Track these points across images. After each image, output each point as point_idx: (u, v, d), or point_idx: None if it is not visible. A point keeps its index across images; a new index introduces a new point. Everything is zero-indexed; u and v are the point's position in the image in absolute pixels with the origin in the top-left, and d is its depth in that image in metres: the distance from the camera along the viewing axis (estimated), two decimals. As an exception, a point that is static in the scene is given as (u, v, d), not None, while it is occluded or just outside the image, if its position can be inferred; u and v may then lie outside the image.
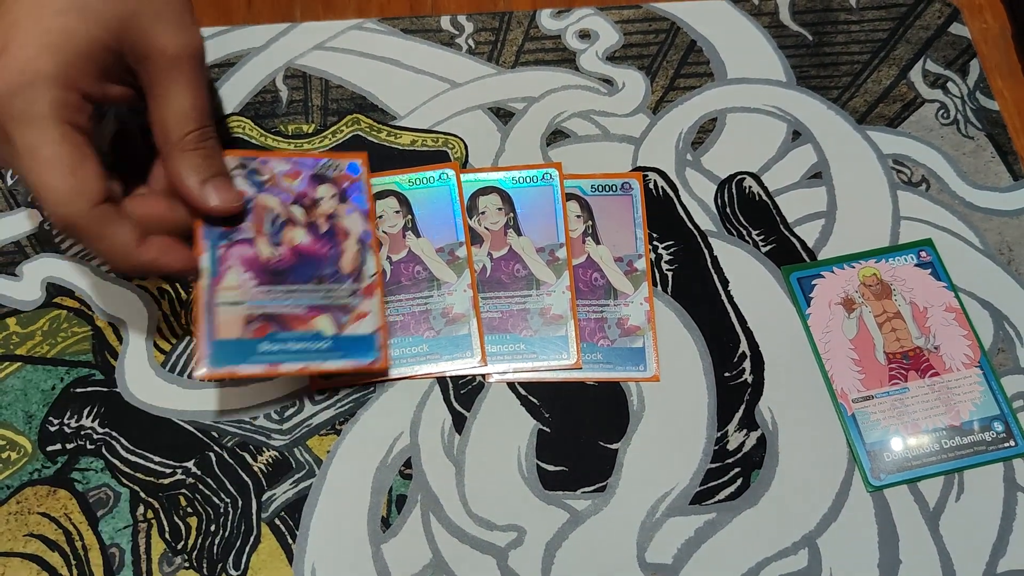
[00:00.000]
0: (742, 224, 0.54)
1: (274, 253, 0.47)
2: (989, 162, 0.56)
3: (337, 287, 0.47)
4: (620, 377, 0.50)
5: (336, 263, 0.48)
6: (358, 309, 0.47)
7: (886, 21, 0.61)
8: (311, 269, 0.47)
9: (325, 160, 0.50)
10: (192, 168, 0.44)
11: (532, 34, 0.60)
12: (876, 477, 0.47)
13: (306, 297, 0.46)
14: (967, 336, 0.51)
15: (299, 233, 0.48)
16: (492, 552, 0.46)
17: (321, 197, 0.49)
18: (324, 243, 0.48)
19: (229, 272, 0.45)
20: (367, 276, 0.48)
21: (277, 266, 0.46)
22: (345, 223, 0.49)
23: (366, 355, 0.47)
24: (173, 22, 0.43)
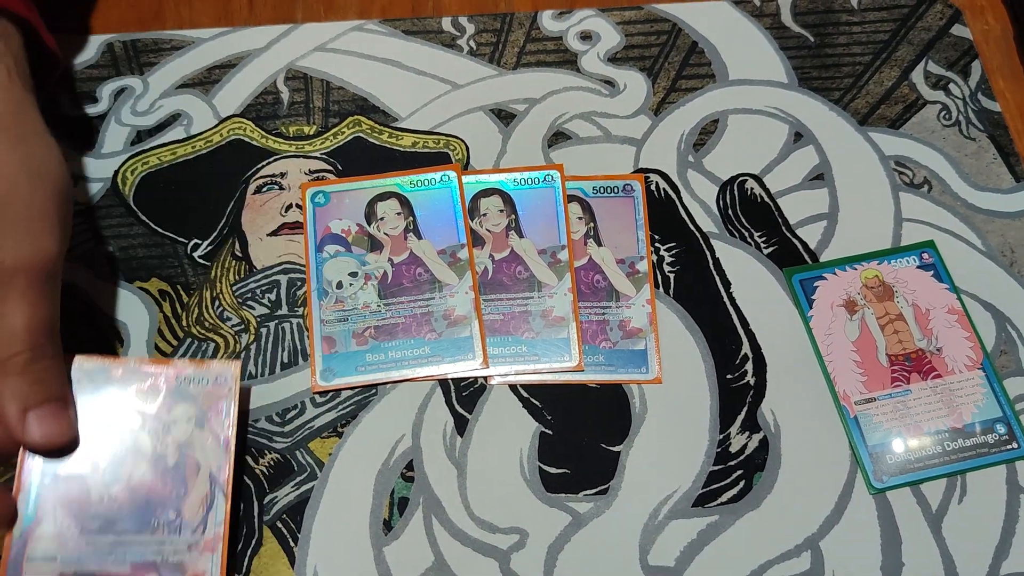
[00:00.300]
0: (744, 226, 0.54)
1: (107, 494, 0.41)
2: (991, 163, 0.56)
3: (174, 539, 0.41)
4: (622, 379, 0.50)
5: (179, 506, 0.41)
6: (191, 570, 0.41)
7: (887, 22, 0.61)
8: (147, 514, 0.41)
9: (190, 371, 0.44)
10: (13, 394, 0.39)
11: (533, 35, 0.60)
12: (878, 479, 0.47)
13: (134, 551, 0.40)
14: (969, 338, 0.51)
15: (141, 468, 0.41)
16: (494, 555, 0.46)
17: (175, 420, 0.43)
18: (167, 481, 0.42)
19: (47, 519, 0.40)
20: (213, 525, 0.41)
21: (107, 510, 0.40)
22: (198, 455, 0.42)
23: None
24: (22, 231, 0.39)
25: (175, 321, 0.51)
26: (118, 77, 0.59)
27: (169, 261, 0.53)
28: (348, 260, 0.52)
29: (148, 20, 0.61)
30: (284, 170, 0.56)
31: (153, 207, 0.55)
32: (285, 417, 0.49)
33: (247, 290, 0.52)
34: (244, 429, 0.46)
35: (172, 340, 0.51)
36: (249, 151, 0.56)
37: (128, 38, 0.60)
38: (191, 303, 0.52)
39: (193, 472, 0.42)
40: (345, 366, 0.50)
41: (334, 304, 0.51)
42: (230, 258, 0.53)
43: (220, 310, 0.52)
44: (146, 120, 0.57)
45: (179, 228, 0.54)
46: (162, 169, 0.56)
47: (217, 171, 0.56)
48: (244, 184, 0.55)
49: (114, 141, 0.57)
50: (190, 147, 0.56)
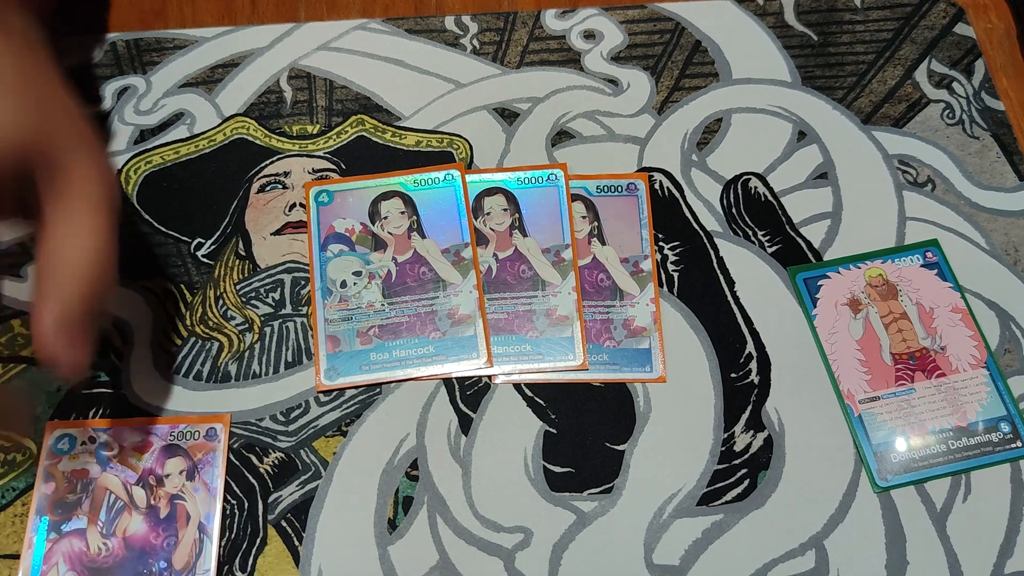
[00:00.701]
0: (748, 225, 0.54)
1: (104, 546, 0.44)
2: (995, 162, 0.56)
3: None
4: (626, 378, 0.50)
5: (169, 556, 0.44)
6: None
7: (891, 21, 0.61)
8: (140, 564, 0.44)
9: (182, 427, 0.47)
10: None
11: (537, 34, 0.60)
12: (883, 478, 0.47)
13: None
14: (973, 337, 0.51)
15: (135, 521, 0.44)
16: (499, 554, 0.46)
17: (168, 474, 0.46)
18: (159, 532, 0.45)
19: (51, 572, 0.43)
20: (201, 571, 0.44)
21: (103, 563, 0.44)
22: (188, 506, 0.45)
23: None
24: (87, 158, 0.39)
25: (179, 320, 0.51)
26: (121, 76, 0.59)
27: (172, 260, 0.53)
28: (352, 259, 0.52)
29: (150, 19, 0.61)
30: (287, 169, 0.56)
31: (156, 206, 0.55)
32: (289, 416, 0.49)
33: (251, 289, 0.52)
34: (223, 477, 0.48)
35: (176, 339, 0.51)
36: (252, 150, 0.56)
37: (131, 37, 0.60)
38: (195, 302, 0.52)
39: (183, 522, 0.45)
40: (349, 365, 0.50)
41: (338, 303, 0.51)
42: (234, 257, 0.53)
43: (224, 309, 0.52)
44: (149, 119, 0.57)
45: (182, 227, 0.54)
46: (165, 168, 0.56)
47: (220, 170, 0.56)
48: (247, 183, 0.55)
49: (117, 140, 0.57)
50: (193, 146, 0.56)
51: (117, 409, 0.49)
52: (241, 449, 0.48)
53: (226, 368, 0.50)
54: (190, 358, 0.50)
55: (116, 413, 0.49)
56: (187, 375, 0.50)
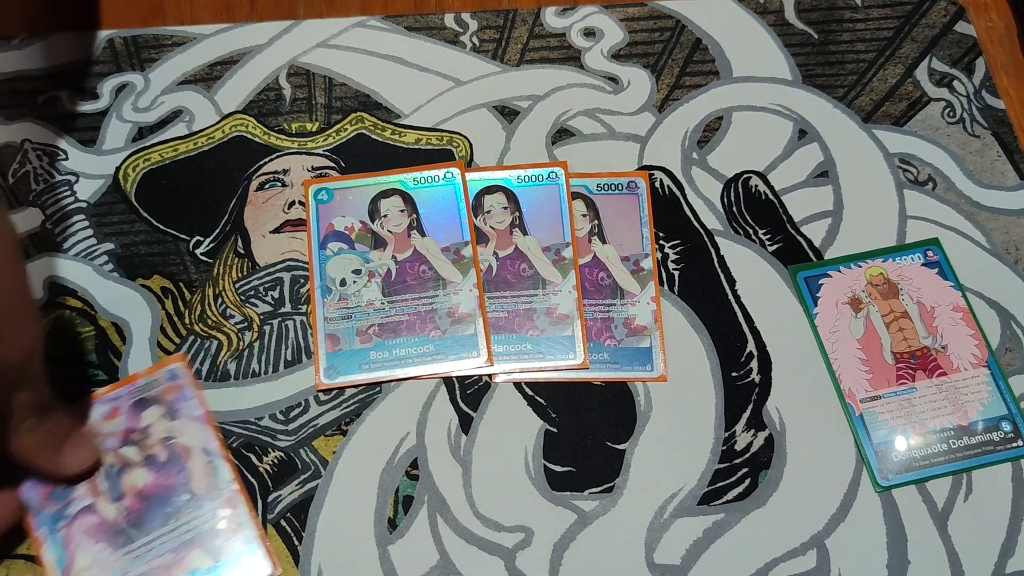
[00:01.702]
0: (749, 223, 0.54)
1: (120, 509, 0.43)
2: (995, 161, 0.56)
3: (197, 513, 0.44)
4: (627, 377, 0.50)
5: (188, 488, 0.45)
6: (225, 530, 0.44)
7: (891, 19, 0.61)
8: (165, 506, 0.44)
9: (142, 381, 0.47)
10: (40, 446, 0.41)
11: (537, 32, 0.60)
12: (884, 477, 0.47)
13: (171, 539, 0.43)
14: (974, 336, 0.51)
15: (139, 475, 0.44)
16: (499, 553, 0.46)
17: (149, 424, 0.46)
18: (167, 473, 0.44)
19: (79, 552, 0.42)
20: (225, 486, 0.45)
21: (127, 522, 0.43)
22: (183, 440, 0.46)
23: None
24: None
25: (177, 319, 0.51)
26: (119, 73, 0.58)
27: (171, 258, 0.53)
28: (351, 257, 0.52)
29: (149, 16, 0.61)
30: (287, 167, 0.55)
31: (155, 204, 0.54)
32: (289, 415, 0.49)
33: (250, 287, 0.52)
34: (205, 404, 0.48)
35: (175, 338, 0.50)
36: (251, 148, 0.56)
37: (129, 34, 0.60)
38: (194, 301, 0.52)
39: (186, 455, 0.46)
40: (349, 364, 0.49)
41: (338, 302, 0.51)
42: (233, 255, 0.53)
43: (223, 308, 0.51)
44: (147, 116, 0.57)
45: (181, 225, 0.54)
46: (164, 166, 0.55)
47: (219, 168, 0.55)
48: (246, 181, 0.55)
49: (115, 138, 0.56)
50: (192, 144, 0.56)
51: (115, 408, 0.49)
52: (240, 448, 0.48)
53: (225, 367, 0.50)
54: (189, 356, 0.50)
55: (114, 412, 0.48)
56: (186, 374, 0.50)
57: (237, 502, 0.45)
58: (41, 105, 0.57)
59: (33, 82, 0.58)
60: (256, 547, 0.44)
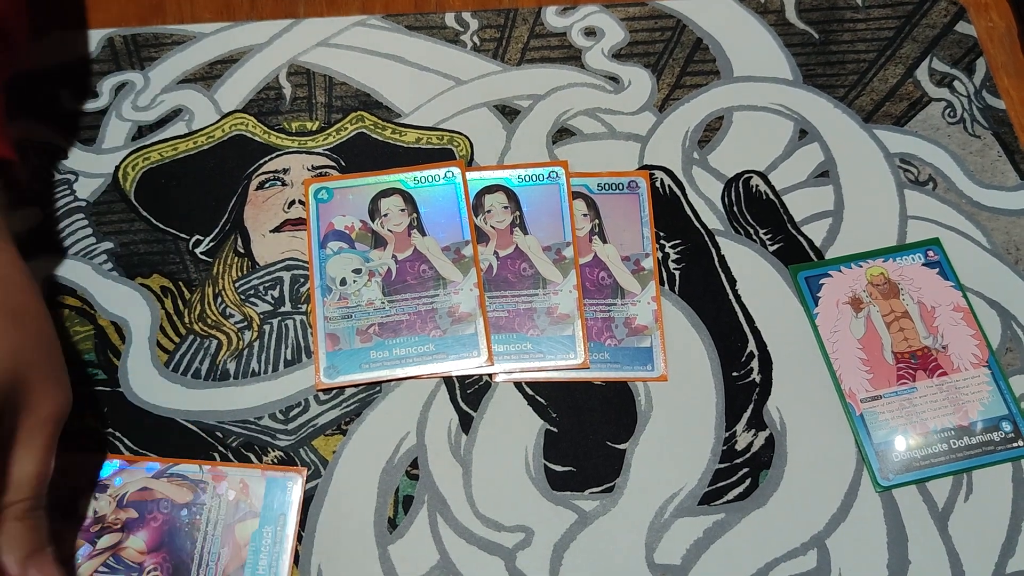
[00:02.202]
0: (749, 223, 0.54)
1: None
2: (996, 161, 0.56)
3: None
4: (628, 377, 0.49)
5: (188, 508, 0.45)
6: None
7: (892, 19, 0.61)
8: (179, 539, 0.44)
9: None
10: (16, 540, 0.39)
11: (537, 31, 0.60)
12: (885, 477, 0.47)
13: None
14: (975, 336, 0.50)
15: (128, 542, 0.44)
16: (500, 553, 0.46)
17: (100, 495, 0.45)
18: (151, 512, 0.45)
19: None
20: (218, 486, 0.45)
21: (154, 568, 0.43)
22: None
23: None
24: (57, 378, 0.41)
25: (177, 318, 0.51)
26: (119, 72, 0.58)
27: (171, 257, 0.53)
28: (352, 257, 0.52)
29: (148, 15, 0.61)
30: (287, 166, 0.55)
31: (154, 203, 0.54)
32: (289, 415, 0.49)
33: (250, 287, 0.52)
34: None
35: (175, 337, 0.50)
36: (251, 147, 0.56)
37: (128, 32, 0.60)
38: (193, 300, 0.51)
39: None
40: (349, 363, 0.49)
41: (338, 301, 0.51)
42: (232, 254, 0.53)
43: (223, 307, 0.51)
44: (147, 115, 0.57)
45: (181, 224, 0.54)
46: (163, 165, 0.55)
47: (219, 167, 0.55)
48: (246, 180, 0.55)
49: (115, 136, 0.56)
50: (192, 142, 0.56)
51: (115, 408, 0.48)
52: (240, 448, 0.48)
53: (225, 366, 0.50)
54: (188, 356, 0.50)
55: (114, 412, 0.48)
56: (185, 373, 0.49)
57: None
58: (41, 104, 0.57)
59: (32, 80, 0.58)
60: None
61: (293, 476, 0.46)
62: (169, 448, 0.47)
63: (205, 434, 0.48)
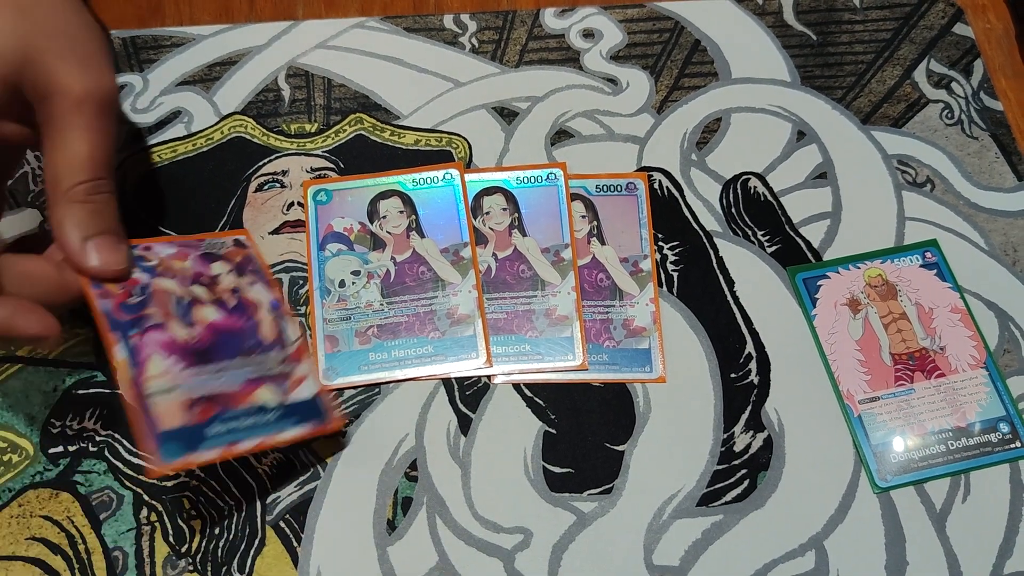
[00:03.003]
0: (747, 224, 0.54)
1: (191, 334, 0.43)
2: (993, 163, 0.56)
3: (266, 356, 0.45)
4: (626, 378, 0.50)
5: (256, 333, 0.45)
6: (294, 375, 0.46)
7: (890, 21, 0.61)
8: (234, 343, 0.44)
9: (209, 239, 0.48)
10: (76, 222, 0.39)
11: (536, 33, 0.60)
12: (882, 478, 0.47)
13: (239, 373, 0.44)
14: (973, 337, 0.51)
15: (209, 311, 0.44)
16: (498, 555, 0.46)
17: (218, 274, 0.46)
18: (237, 317, 0.45)
19: (151, 360, 0.41)
20: (290, 342, 0.46)
21: (198, 346, 0.43)
22: (251, 295, 0.46)
23: (317, 419, 0.45)
24: (83, 61, 0.39)
25: (176, 320, 0.51)
26: (117, 74, 0.58)
27: (170, 259, 0.53)
28: (350, 258, 0.52)
29: (147, 17, 0.61)
30: (285, 168, 0.55)
31: (153, 205, 0.54)
32: (288, 416, 0.49)
33: (249, 289, 0.52)
34: (269, 272, 0.50)
35: (173, 339, 0.50)
36: (250, 149, 0.56)
37: (127, 35, 0.60)
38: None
39: (253, 308, 0.46)
40: (348, 365, 0.49)
41: (336, 303, 0.51)
42: (231, 256, 0.53)
43: (222, 309, 0.51)
44: (146, 117, 0.57)
45: (180, 226, 0.54)
46: (163, 167, 0.55)
47: (218, 169, 0.55)
48: (245, 182, 0.55)
49: (114, 138, 0.56)
50: (191, 145, 0.56)
51: (114, 410, 0.48)
52: (239, 450, 0.48)
53: (224, 368, 0.50)
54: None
55: (113, 413, 0.48)
56: (185, 375, 0.50)
57: (302, 355, 0.47)
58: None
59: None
60: (317, 400, 0.46)
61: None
62: (168, 450, 0.48)
63: (204, 436, 0.48)
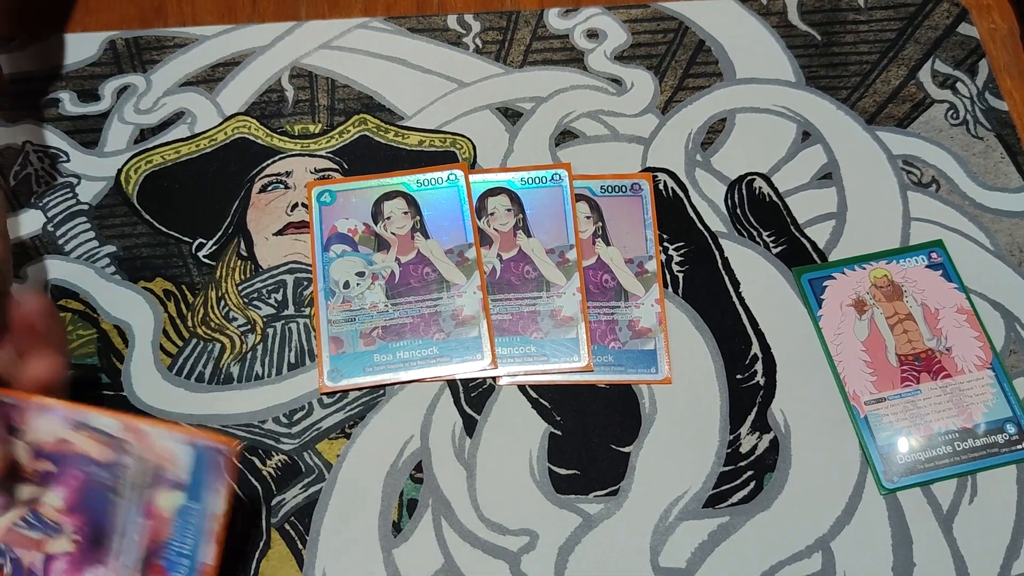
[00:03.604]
0: (752, 225, 0.54)
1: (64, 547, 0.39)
2: (999, 163, 0.56)
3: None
4: (631, 380, 0.49)
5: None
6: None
7: (894, 21, 0.61)
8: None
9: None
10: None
11: (540, 33, 0.60)
12: (889, 480, 0.47)
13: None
14: (979, 338, 0.50)
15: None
16: (504, 557, 0.46)
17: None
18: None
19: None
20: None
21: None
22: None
23: None
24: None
25: (180, 322, 0.51)
26: (120, 75, 0.58)
27: (173, 261, 0.53)
28: (355, 260, 0.52)
29: (150, 17, 0.61)
30: (289, 169, 0.55)
31: (157, 206, 0.54)
32: (292, 418, 0.48)
33: (253, 290, 0.52)
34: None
35: (177, 340, 0.50)
36: (254, 150, 0.56)
37: (130, 35, 0.59)
38: (196, 303, 0.51)
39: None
40: (353, 367, 0.49)
41: (341, 304, 0.51)
42: (235, 258, 0.53)
43: (226, 310, 0.51)
44: (149, 118, 0.57)
45: (183, 227, 0.54)
46: (166, 168, 0.55)
47: (221, 170, 0.55)
48: (249, 183, 0.55)
49: (117, 140, 0.56)
50: (194, 145, 0.56)
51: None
52: (244, 452, 0.47)
53: (228, 370, 0.50)
54: (192, 360, 0.50)
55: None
56: (189, 377, 0.49)
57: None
58: (42, 107, 0.57)
59: (34, 83, 0.57)
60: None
61: (223, 448, 0.40)
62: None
63: (209, 438, 0.48)
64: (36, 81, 0.58)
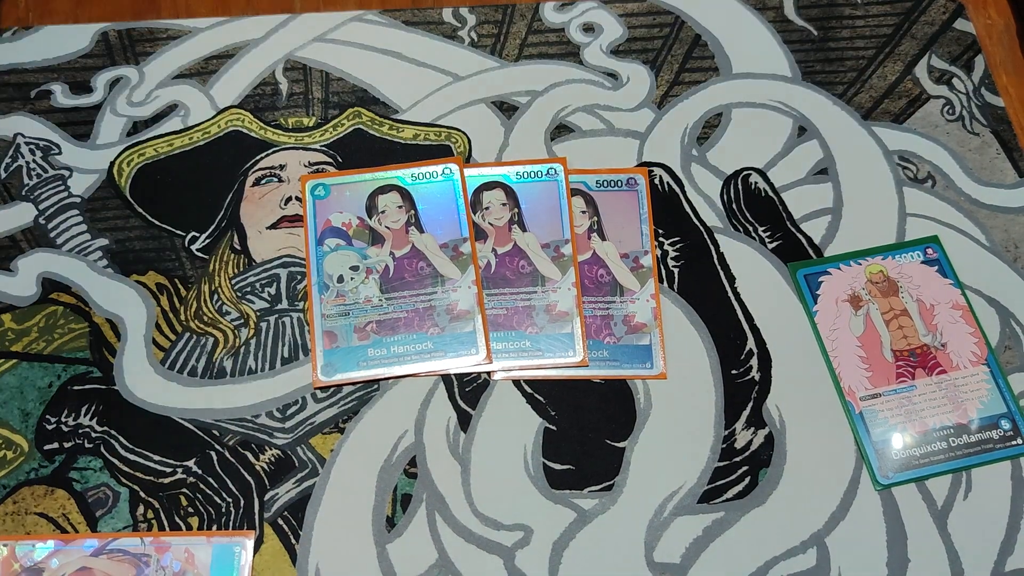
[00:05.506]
0: (748, 220, 0.54)
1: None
2: (995, 159, 0.56)
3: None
4: (627, 375, 0.49)
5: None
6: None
7: (891, 16, 0.61)
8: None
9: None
10: None
11: (535, 27, 0.60)
12: (884, 475, 0.47)
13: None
14: (974, 333, 0.50)
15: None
16: (498, 552, 0.45)
17: None
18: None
19: None
20: None
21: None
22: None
23: None
24: None
25: (173, 315, 0.51)
26: (113, 67, 0.58)
27: (166, 254, 0.52)
28: (349, 254, 0.51)
29: (143, 9, 0.60)
30: (283, 162, 0.55)
31: (149, 199, 0.54)
32: (286, 413, 0.48)
33: (246, 284, 0.51)
34: None
35: (171, 334, 0.50)
36: (247, 143, 0.55)
37: (123, 27, 0.59)
38: (189, 297, 0.51)
39: None
40: (346, 361, 0.49)
41: (335, 298, 0.50)
42: (229, 251, 0.52)
43: (219, 304, 0.51)
44: (142, 111, 0.56)
45: (176, 221, 0.53)
46: (159, 160, 0.55)
47: (215, 163, 0.55)
48: (243, 176, 0.54)
49: (109, 132, 0.56)
50: (187, 138, 0.56)
51: (110, 406, 0.48)
52: (237, 446, 0.47)
53: (221, 364, 0.49)
54: (185, 354, 0.50)
55: (109, 410, 0.48)
56: (182, 371, 0.49)
57: None
58: (34, 99, 0.56)
59: (25, 75, 0.57)
60: None
61: (240, 541, 0.44)
62: (164, 447, 0.47)
63: (201, 432, 0.48)
64: (28, 73, 0.57)
